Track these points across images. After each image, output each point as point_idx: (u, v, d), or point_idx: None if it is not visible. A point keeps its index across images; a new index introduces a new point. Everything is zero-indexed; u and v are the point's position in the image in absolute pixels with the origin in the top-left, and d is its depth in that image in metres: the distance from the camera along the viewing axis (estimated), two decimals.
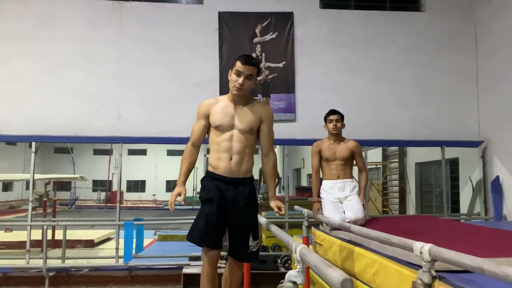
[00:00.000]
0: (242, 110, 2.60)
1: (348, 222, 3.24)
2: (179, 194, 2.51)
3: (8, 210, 19.47)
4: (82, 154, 29.93)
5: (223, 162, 2.55)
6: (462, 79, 6.75)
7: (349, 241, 2.96)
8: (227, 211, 2.53)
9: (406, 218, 4.06)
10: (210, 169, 2.64)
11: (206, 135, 2.74)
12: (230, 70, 2.59)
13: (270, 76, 6.47)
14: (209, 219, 2.47)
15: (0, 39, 6.10)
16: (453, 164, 7.73)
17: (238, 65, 2.53)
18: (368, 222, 3.62)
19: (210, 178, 2.61)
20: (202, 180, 2.68)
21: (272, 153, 2.71)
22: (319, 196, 3.86)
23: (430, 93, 6.65)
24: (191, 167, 2.66)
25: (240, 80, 2.51)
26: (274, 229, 2.48)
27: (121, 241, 5.76)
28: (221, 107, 2.60)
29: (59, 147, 29.73)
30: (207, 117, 2.64)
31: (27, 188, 24.08)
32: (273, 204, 2.64)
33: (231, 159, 2.54)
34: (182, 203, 2.67)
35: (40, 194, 15.26)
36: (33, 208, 6.31)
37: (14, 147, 22.14)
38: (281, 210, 2.57)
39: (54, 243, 8.52)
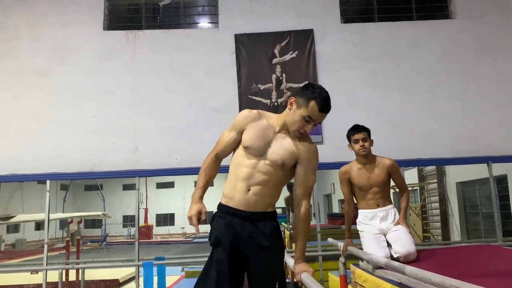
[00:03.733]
0: (282, 139, 2.09)
1: (397, 257, 2.66)
2: (200, 213, 1.98)
3: (41, 249, 19.54)
4: (112, 190, 30.16)
5: (238, 192, 2.04)
6: (505, 86, 6.14)
7: (399, 284, 2.40)
8: (245, 256, 1.99)
9: (467, 249, 3.42)
10: (223, 200, 2.12)
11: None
12: (294, 99, 2.08)
13: None
14: (220, 268, 1.93)
15: (13, 76, 5.98)
16: (501, 181, 7.00)
17: (314, 111, 2.01)
18: (420, 255, 2.98)
19: (222, 213, 2.09)
20: (212, 217, 2.15)
21: (306, 202, 2.10)
22: (353, 228, 3.27)
23: (471, 104, 6.05)
24: (210, 181, 2.14)
25: (308, 128, 2.06)
26: (306, 279, 1.85)
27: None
28: (261, 127, 2.10)
29: (89, 184, 30.09)
30: (241, 132, 2.13)
31: (61, 227, 24.44)
32: (298, 268, 2.02)
33: (249, 190, 2.02)
34: (202, 220, 2.01)
35: (72, 232, 15.45)
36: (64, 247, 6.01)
37: (45, 186, 22.43)
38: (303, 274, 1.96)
39: (78, 285, 8.19)
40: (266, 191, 2.04)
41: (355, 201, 3.39)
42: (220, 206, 2.13)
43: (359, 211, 3.32)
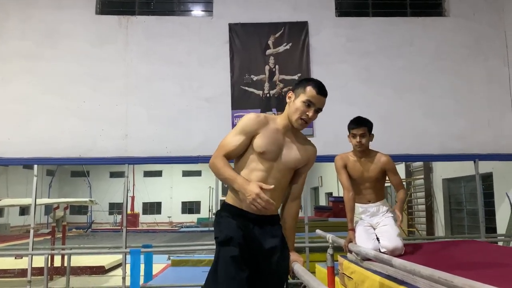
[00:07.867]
0: (291, 143, 2.13)
1: (384, 252, 2.70)
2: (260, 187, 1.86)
3: (25, 235, 19.38)
4: (99, 177, 29.99)
5: None
6: (495, 87, 6.22)
7: (387, 276, 2.45)
8: (255, 258, 2.00)
9: (452, 244, 3.48)
10: (231, 201, 2.08)
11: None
12: (292, 92, 2.11)
13: (285, 89, 6.05)
14: (231, 267, 1.90)
15: (2, 58, 5.86)
16: (487, 179, 7.12)
17: (311, 93, 2.03)
18: (406, 249, 3.00)
19: (230, 213, 2.06)
20: (218, 216, 2.11)
21: (299, 199, 2.29)
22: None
23: (461, 103, 6.12)
24: None
25: (310, 113, 2.04)
26: (298, 268, 1.92)
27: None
28: (271, 131, 2.10)
29: (75, 170, 29.84)
30: (251, 136, 2.07)
31: (46, 212, 24.20)
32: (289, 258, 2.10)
33: None
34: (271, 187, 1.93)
35: (58, 218, 15.31)
36: (49, 233, 5.97)
37: (31, 171, 22.14)
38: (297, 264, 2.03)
39: (64, 270, 8.16)
40: (277, 194, 2.07)
41: None
42: (228, 206, 2.10)
43: None
